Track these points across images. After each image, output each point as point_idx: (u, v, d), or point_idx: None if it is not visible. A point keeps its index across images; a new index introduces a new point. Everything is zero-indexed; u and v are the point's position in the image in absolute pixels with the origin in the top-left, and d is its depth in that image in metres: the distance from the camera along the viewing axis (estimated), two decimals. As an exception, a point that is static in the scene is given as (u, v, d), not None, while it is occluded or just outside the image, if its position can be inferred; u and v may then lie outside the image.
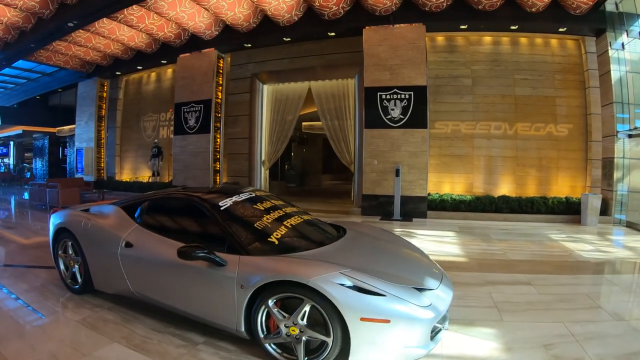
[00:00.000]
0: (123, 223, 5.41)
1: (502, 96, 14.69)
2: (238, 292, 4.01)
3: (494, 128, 14.74)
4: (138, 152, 22.41)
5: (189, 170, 17.80)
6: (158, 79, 21.64)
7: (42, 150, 32.90)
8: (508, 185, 14.69)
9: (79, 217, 5.85)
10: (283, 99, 17.31)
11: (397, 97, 13.77)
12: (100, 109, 22.90)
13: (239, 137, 17.85)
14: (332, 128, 16.62)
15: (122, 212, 5.62)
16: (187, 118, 17.80)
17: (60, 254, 6.09)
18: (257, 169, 17.65)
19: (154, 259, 4.77)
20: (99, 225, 5.53)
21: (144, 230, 5.15)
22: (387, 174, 13.89)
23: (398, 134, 13.79)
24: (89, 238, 5.57)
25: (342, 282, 3.64)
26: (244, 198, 5.36)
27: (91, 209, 6.15)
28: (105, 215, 5.71)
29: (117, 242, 5.15)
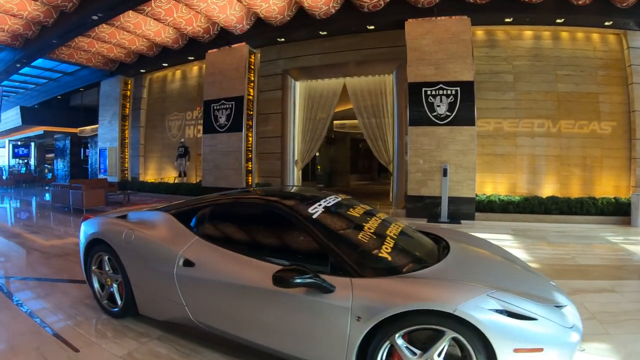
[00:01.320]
0: (178, 235, 4.29)
1: (544, 93, 13.70)
2: (352, 326, 3.04)
3: (537, 126, 13.77)
4: (163, 152, 21.33)
5: (220, 171, 16.51)
6: (183, 77, 20.53)
7: (64, 151, 31.67)
8: (552, 185, 13.72)
9: (119, 226, 4.75)
10: (316, 96, 16.09)
11: (443, 93, 12.64)
12: (124, 108, 21.74)
13: (271, 135, 16.64)
14: (369, 126, 15.38)
15: (175, 221, 4.48)
16: (217, 116, 16.51)
17: (94, 270, 5.00)
18: (289, 169, 16.46)
19: (227, 282, 3.68)
20: (146, 238, 4.40)
21: (208, 244, 4.04)
22: (433, 173, 12.83)
23: (444, 132, 12.68)
24: (132, 253, 4.46)
25: (491, 307, 2.83)
26: (333, 203, 4.28)
27: (130, 216, 5.05)
28: (153, 225, 4.57)
29: (173, 260, 4.05)
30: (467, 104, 12.52)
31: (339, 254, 3.37)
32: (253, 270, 3.54)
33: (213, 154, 16.65)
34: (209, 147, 16.78)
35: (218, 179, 16.44)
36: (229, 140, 16.22)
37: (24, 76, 25.29)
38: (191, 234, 4.22)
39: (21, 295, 5.55)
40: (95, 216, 5.33)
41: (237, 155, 16.03)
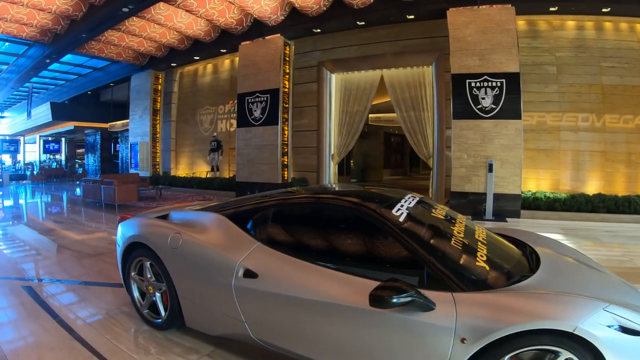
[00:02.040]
0: (236, 241, 3.67)
1: (588, 85, 12.87)
2: (455, 349, 2.49)
3: (581, 120, 12.96)
4: (194, 146, 20.81)
5: (254, 165, 15.82)
6: (215, 70, 19.95)
7: (94, 146, 31.48)
8: (596, 182, 12.93)
9: (163, 229, 4.11)
10: (353, 88, 15.34)
11: (488, 85, 11.82)
12: (155, 102, 21.28)
13: (306, 129, 15.94)
14: (407, 120, 14.53)
15: (230, 225, 3.85)
16: (251, 109, 15.83)
17: (133, 276, 4.41)
18: (326, 163, 15.78)
19: (300, 298, 3.05)
20: (196, 243, 3.78)
21: (273, 252, 3.42)
22: (477, 169, 12.05)
23: (489, 126, 11.87)
24: (180, 260, 3.85)
25: (607, 323, 2.38)
26: (414, 204, 3.67)
27: (173, 217, 4.49)
28: (204, 228, 3.95)
29: (230, 270, 3.45)
30: (513, 96, 11.73)
31: (436, 264, 2.81)
32: (333, 283, 2.94)
33: (247, 148, 15.99)
34: (243, 141, 16.13)
35: (252, 173, 15.80)
36: (264, 134, 15.54)
37: (53, 72, 24.92)
38: (251, 240, 3.59)
39: (52, 301, 4.97)
40: (134, 216, 4.74)
41: (272, 149, 15.34)
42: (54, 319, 4.40)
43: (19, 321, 4.38)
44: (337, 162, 16.00)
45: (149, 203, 14.18)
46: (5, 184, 22.66)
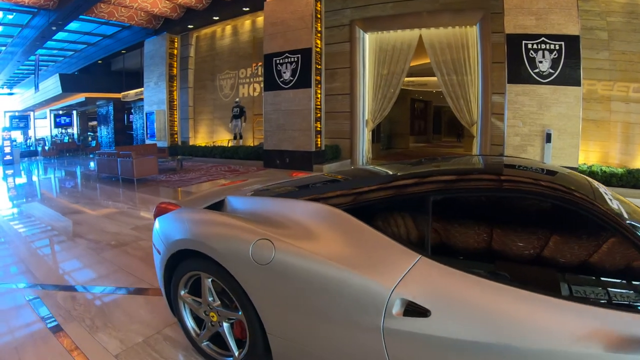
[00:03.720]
0: (377, 252, 2.14)
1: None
2: None
3: (633, 90, 11.64)
4: (214, 113, 19.14)
5: (284, 132, 14.02)
6: (234, 32, 18.11)
7: (107, 118, 29.78)
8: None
9: (239, 232, 2.55)
10: (389, 49, 13.84)
11: (546, 48, 10.47)
12: (171, 68, 19.25)
13: (338, 93, 14.46)
14: (449, 84, 13.23)
15: (358, 225, 2.30)
16: (280, 71, 13.90)
17: (183, 296, 2.90)
18: (359, 129, 14.37)
19: (516, 347, 1.70)
20: (306, 258, 2.23)
21: (450, 271, 1.93)
22: (533, 138, 10.83)
23: (547, 92, 10.59)
24: (273, 282, 2.33)
25: None
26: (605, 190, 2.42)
27: (234, 205, 3.06)
28: (307, 229, 2.41)
29: (377, 302, 1.96)
30: (573, 61, 10.37)
31: None
32: (568, 320, 1.68)
33: (276, 114, 14.18)
34: (271, 106, 14.28)
35: (282, 140, 14.03)
36: (295, 97, 13.71)
37: (61, 43, 22.84)
38: (406, 251, 2.07)
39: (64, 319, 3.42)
40: (180, 208, 3.09)
41: (305, 114, 13.51)
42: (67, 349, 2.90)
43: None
44: (371, 129, 14.69)
45: (170, 176, 12.60)
46: (16, 161, 20.87)
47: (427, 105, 28.75)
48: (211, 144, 18.21)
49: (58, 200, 9.63)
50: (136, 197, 9.61)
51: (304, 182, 3.39)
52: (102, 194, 10.40)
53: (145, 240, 5.80)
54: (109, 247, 5.56)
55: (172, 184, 11.12)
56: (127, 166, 11.31)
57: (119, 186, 11.18)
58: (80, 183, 12.94)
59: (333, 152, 14.26)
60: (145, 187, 10.68)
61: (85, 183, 12.71)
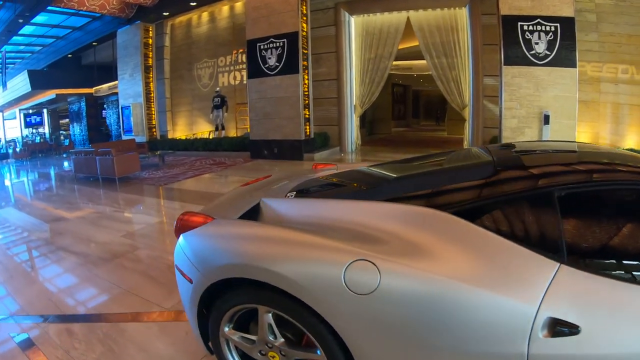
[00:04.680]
0: (507, 264, 1.60)
1: (628, 36, 11.67)
2: None
3: (621, 72, 11.80)
4: (193, 104, 18.09)
5: (271, 120, 13.10)
6: (211, 19, 17.08)
7: (79, 115, 28.02)
8: (635, 137, 11.89)
9: (316, 251, 1.80)
10: (376, 32, 13.46)
11: (542, 29, 10.37)
12: (146, 58, 18.06)
13: (325, 78, 13.85)
14: (439, 67, 12.95)
15: (478, 231, 1.72)
16: (265, 57, 12.96)
17: (227, 333, 2.13)
18: (347, 116, 13.88)
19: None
20: (420, 278, 1.60)
21: (598, 279, 1.51)
22: (530, 120, 10.72)
23: (543, 74, 10.47)
24: (382, 316, 1.64)
25: None
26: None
27: (273, 208, 2.37)
28: (414, 242, 1.75)
29: (519, 325, 1.48)
30: (568, 42, 10.32)
31: None
32: None
33: (262, 102, 13.23)
34: (256, 94, 13.32)
35: (269, 130, 13.14)
36: (281, 84, 12.81)
37: (28, 37, 21.28)
38: (544, 260, 1.58)
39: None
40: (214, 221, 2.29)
41: (293, 101, 12.64)
42: None
43: None
44: (359, 114, 14.23)
45: (153, 172, 11.53)
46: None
47: (406, 89, 28.44)
48: (191, 136, 17.22)
49: (35, 206, 8.37)
50: (121, 198, 8.55)
51: (358, 177, 2.85)
52: (82, 197, 9.23)
53: (141, 249, 4.98)
54: (101, 261, 4.60)
55: (157, 181, 10.11)
56: (107, 164, 10.28)
57: (99, 187, 10.01)
58: (57, 185, 11.66)
59: (322, 140, 13.56)
60: (129, 186, 9.65)
61: (62, 185, 11.42)
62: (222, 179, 10.16)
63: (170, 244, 5.17)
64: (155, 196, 8.59)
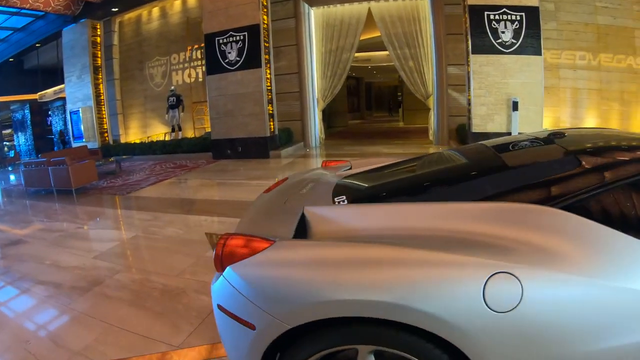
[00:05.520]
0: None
1: (585, 24, 12.28)
2: None
3: (579, 58, 12.41)
4: (146, 105, 16.92)
5: (233, 118, 12.25)
6: (163, 15, 16.06)
7: (24, 123, 26.28)
8: (593, 119, 12.57)
9: (444, 268, 1.48)
10: (337, 24, 13.19)
11: (507, 19, 10.57)
12: (95, 58, 16.69)
13: (285, 72, 13.30)
14: (402, 57, 12.83)
15: (596, 227, 1.56)
16: (224, 51, 12.12)
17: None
18: (310, 110, 13.43)
19: None
20: (571, 285, 1.45)
21: None
22: (499, 107, 10.92)
23: (510, 61, 10.76)
24: (529, 336, 1.42)
25: None
26: None
27: (328, 219, 1.96)
28: (525, 241, 1.56)
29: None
30: (533, 31, 10.66)
31: None
32: None
33: (223, 99, 12.34)
34: (216, 91, 12.43)
35: (232, 128, 12.29)
36: (243, 79, 12.01)
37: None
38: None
39: None
40: (277, 243, 1.73)
41: (256, 97, 11.89)
42: None
43: None
44: (322, 108, 13.87)
45: (112, 181, 10.30)
46: None
47: (359, 82, 28.49)
48: (145, 139, 16.01)
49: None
50: (82, 212, 7.37)
51: (416, 175, 2.56)
52: (38, 213, 7.88)
53: (122, 272, 4.15)
54: (77, 291, 3.72)
55: (118, 189, 8.99)
56: (61, 175, 9.09)
57: (54, 200, 8.73)
58: (6, 202, 10.00)
59: (286, 136, 12.97)
60: (88, 198, 8.50)
61: (12, 201, 9.85)
62: (189, 182, 9.33)
63: (153, 261, 4.46)
64: (120, 207, 7.60)
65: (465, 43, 11.23)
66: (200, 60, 14.63)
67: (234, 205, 6.87)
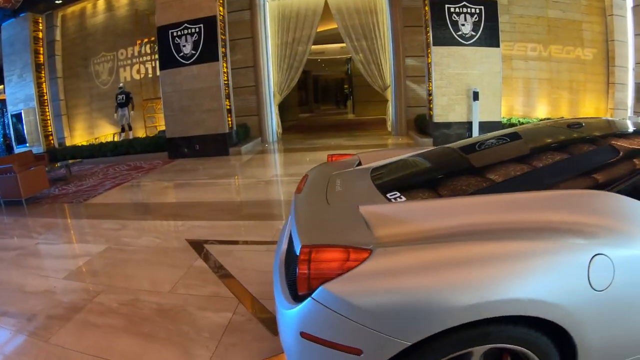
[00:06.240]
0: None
1: (536, 17, 13.08)
2: None
3: (530, 50, 13.21)
4: (92, 105, 15.85)
5: (190, 115, 11.63)
6: (109, 7, 15.17)
7: (-43, 129, 24.10)
8: (544, 107, 13.42)
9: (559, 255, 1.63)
10: (293, 16, 12.93)
11: (467, 12, 10.85)
12: (37, 55, 15.44)
13: (241, 66, 12.91)
14: (359, 49, 12.94)
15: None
16: (179, 45, 11.50)
17: None
18: (267, 104, 13.15)
19: None
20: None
21: None
22: (459, 98, 11.17)
23: (469, 53, 11.02)
24: (618, 311, 1.68)
25: None
26: None
27: (401, 218, 1.86)
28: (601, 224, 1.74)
29: None
30: (492, 23, 10.97)
31: None
32: None
33: (178, 95, 11.70)
34: (171, 87, 11.74)
35: (189, 125, 11.65)
36: (199, 74, 11.44)
37: None
38: None
39: None
40: (378, 252, 1.57)
41: (214, 92, 11.35)
42: None
43: None
44: (278, 102, 13.59)
45: (64, 187, 9.30)
46: None
47: (307, 75, 28.11)
48: (93, 141, 14.98)
49: None
50: (38, 225, 6.39)
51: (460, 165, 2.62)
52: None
53: (103, 294, 3.60)
54: (55, 322, 3.15)
55: (73, 197, 8.08)
56: (9, 184, 8.02)
57: (3, 213, 7.59)
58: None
59: (243, 131, 12.51)
60: (41, 208, 7.50)
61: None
62: (150, 185, 8.66)
63: (137, 277, 3.95)
64: (80, 216, 6.76)
65: (425, 35, 11.38)
66: (151, 55, 13.99)
67: (209, 207, 6.43)
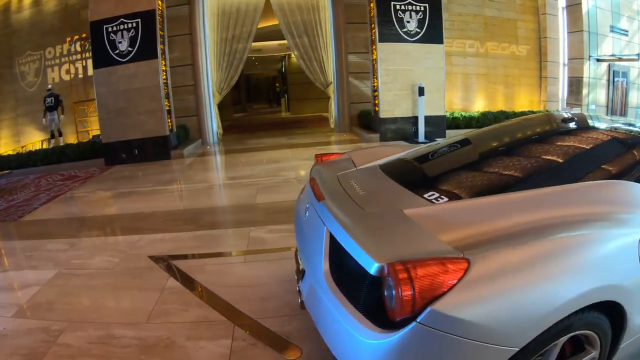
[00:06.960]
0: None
1: (474, 15, 13.85)
2: None
3: (468, 46, 14.03)
4: (18, 110, 14.60)
5: (127, 117, 10.73)
6: (36, 2, 14.04)
7: None
8: (482, 101, 14.27)
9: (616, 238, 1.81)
10: (233, 11, 12.61)
11: (412, 9, 11.06)
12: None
13: (179, 64, 12.19)
14: (301, 46, 13.08)
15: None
16: (114, 41, 10.59)
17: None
18: (206, 104, 12.60)
19: None
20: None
21: None
22: (405, 93, 11.39)
23: (414, 49, 11.26)
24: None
25: None
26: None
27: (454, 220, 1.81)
28: None
29: None
30: (436, 21, 11.31)
31: None
32: None
33: (114, 95, 10.74)
34: (105, 87, 10.75)
35: (126, 128, 10.73)
36: (137, 72, 10.61)
37: None
38: None
39: None
40: (477, 259, 1.48)
41: (153, 91, 10.57)
42: None
43: None
44: (218, 102, 13.20)
45: None
46: None
47: (241, 74, 27.06)
48: (20, 149, 13.68)
49: None
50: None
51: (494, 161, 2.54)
52: None
53: (67, 332, 2.90)
54: None
55: (4, 214, 6.64)
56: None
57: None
58: None
59: (183, 133, 11.88)
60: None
61: None
62: (90, 196, 7.59)
63: (103, 307, 3.33)
64: (18, 237, 5.64)
65: (370, 32, 11.48)
66: (81, 53, 13.14)
67: (164, 217, 5.72)
